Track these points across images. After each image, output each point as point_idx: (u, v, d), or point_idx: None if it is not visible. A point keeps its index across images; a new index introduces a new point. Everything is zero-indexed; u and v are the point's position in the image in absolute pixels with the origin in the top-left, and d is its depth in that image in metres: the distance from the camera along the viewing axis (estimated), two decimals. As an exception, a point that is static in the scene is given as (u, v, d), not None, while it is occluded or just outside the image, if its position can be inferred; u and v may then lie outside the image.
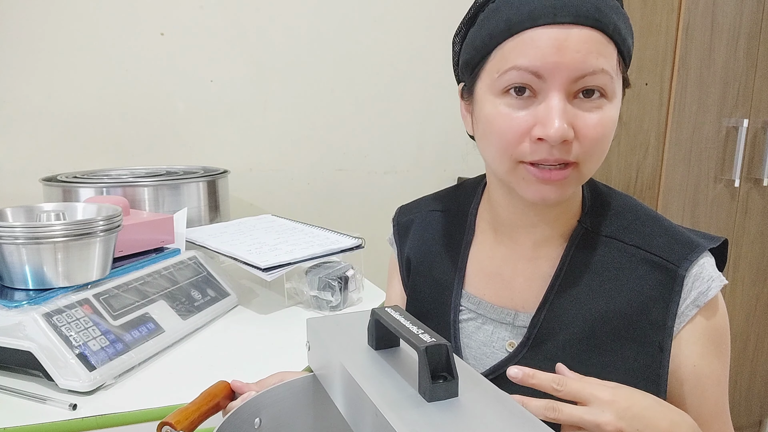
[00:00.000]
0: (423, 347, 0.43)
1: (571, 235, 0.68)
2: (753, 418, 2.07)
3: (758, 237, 1.90)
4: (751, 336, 1.98)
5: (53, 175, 1.29)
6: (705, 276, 0.63)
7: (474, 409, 0.43)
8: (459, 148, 1.88)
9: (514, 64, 0.57)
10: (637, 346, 0.63)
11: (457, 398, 0.44)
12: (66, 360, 0.69)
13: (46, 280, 0.76)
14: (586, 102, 0.58)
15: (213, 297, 0.98)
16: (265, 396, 0.58)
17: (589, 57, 0.56)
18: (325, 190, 1.74)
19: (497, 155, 0.62)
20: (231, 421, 0.53)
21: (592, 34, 0.56)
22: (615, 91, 0.59)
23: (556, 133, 0.56)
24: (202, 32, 1.53)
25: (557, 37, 0.56)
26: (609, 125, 0.59)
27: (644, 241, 0.66)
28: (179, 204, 1.23)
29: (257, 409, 0.57)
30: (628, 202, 0.70)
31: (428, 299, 0.75)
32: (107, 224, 0.80)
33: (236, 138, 1.62)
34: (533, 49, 0.56)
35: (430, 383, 0.43)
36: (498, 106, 0.60)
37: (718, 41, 1.65)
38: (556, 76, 0.56)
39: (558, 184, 0.60)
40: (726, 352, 0.65)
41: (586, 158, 0.59)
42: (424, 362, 0.43)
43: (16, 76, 1.38)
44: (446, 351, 0.44)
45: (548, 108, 0.57)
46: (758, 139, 1.80)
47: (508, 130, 0.59)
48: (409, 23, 1.75)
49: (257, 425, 0.56)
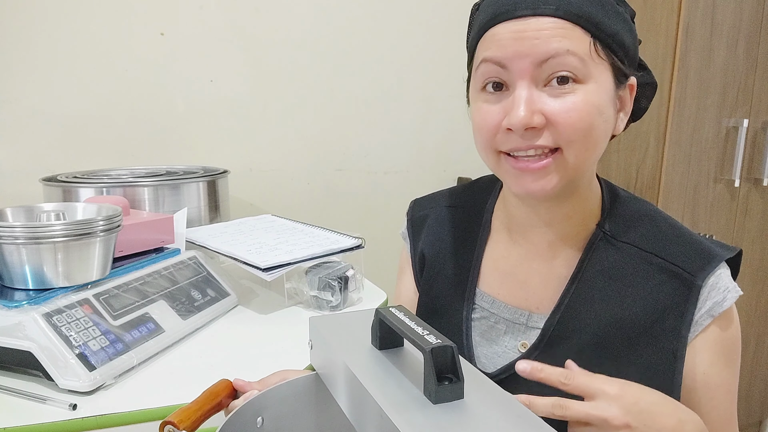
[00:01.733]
0: (429, 348, 0.43)
1: (589, 239, 0.68)
2: (753, 419, 2.07)
3: (758, 237, 1.90)
4: (751, 336, 1.98)
5: (53, 175, 1.29)
6: (721, 287, 0.63)
7: (479, 411, 0.42)
8: (459, 148, 1.88)
9: (482, 57, 0.61)
10: (650, 353, 0.63)
11: (463, 400, 0.44)
12: (66, 360, 0.69)
13: (46, 280, 0.76)
14: (557, 89, 0.59)
15: (213, 297, 0.98)
16: (267, 395, 0.57)
17: (550, 41, 0.58)
18: (325, 190, 1.74)
19: (482, 150, 0.65)
20: (233, 421, 0.52)
21: (551, 21, 0.58)
22: (590, 74, 0.59)
23: (519, 121, 0.58)
24: (202, 32, 1.53)
25: (516, 28, 0.59)
26: (585, 109, 0.59)
27: (662, 249, 0.66)
28: (179, 204, 1.23)
29: (259, 408, 0.56)
30: (647, 208, 0.70)
31: (441, 296, 0.76)
32: (107, 224, 0.80)
33: (236, 138, 1.61)
34: (496, 41, 0.60)
35: (436, 385, 0.43)
36: (477, 102, 0.63)
37: (718, 41, 1.65)
38: (518, 64, 0.59)
39: (537, 174, 0.61)
40: (736, 362, 0.65)
41: (567, 144, 0.59)
42: (429, 364, 0.43)
43: (16, 76, 1.38)
44: (452, 352, 0.43)
45: (513, 97, 0.59)
46: (758, 139, 1.80)
47: (483, 123, 0.62)
48: (409, 23, 1.75)
49: (259, 424, 0.56)
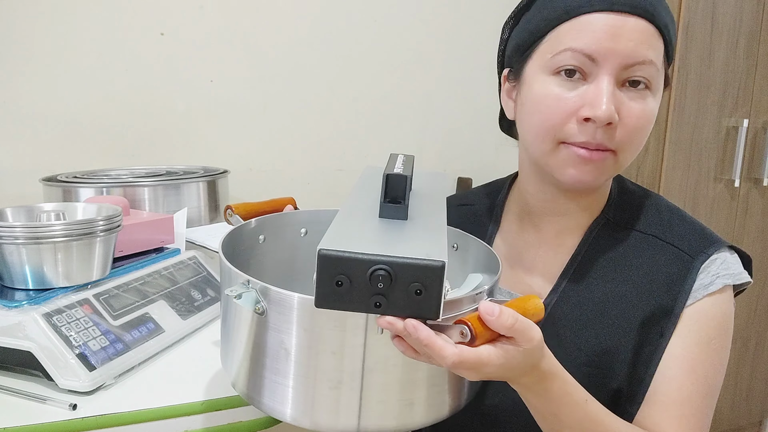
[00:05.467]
0: (386, 174, 0.52)
1: (591, 224, 0.69)
2: (753, 418, 2.07)
3: (758, 237, 1.90)
4: (751, 336, 1.97)
5: (53, 175, 1.29)
6: (712, 270, 0.64)
7: (405, 228, 0.50)
8: (459, 148, 1.88)
9: (569, 45, 0.59)
10: (643, 329, 0.64)
11: (404, 221, 0.52)
12: (66, 360, 0.69)
13: (46, 280, 0.76)
14: (631, 91, 0.60)
15: (213, 297, 0.98)
16: (310, 213, 0.74)
17: (640, 47, 0.58)
18: (325, 190, 1.74)
19: (540, 135, 0.63)
20: (236, 232, 0.67)
21: (645, 26, 0.58)
22: (659, 85, 0.62)
23: (604, 113, 0.57)
24: (202, 32, 1.53)
25: (613, 23, 0.57)
26: (650, 117, 0.61)
27: (663, 232, 0.67)
28: (179, 204, 1.23)
29: (261, 228, 0.72)
30: (655, 199, 0.72)
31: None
32: (107, 224, 0.80)
33: (236, 138, 1.61)
34: (589, 32, 0.58)
35: (383, 201, 0.52)
36: (548, 85, 0.61)
37: (717, 41, 1.65)
38: (609, 61, 0.58)
39: (596, 165, 0.61)
40: (715, 349, 0.64)
41: (624, 147, 0.61)
42: (383, 186, 0.52)
43: (16, 76, 1.38)
44: (404, 181, 0.52)
45: (598, 89, 0.58)
46: (758, 139, 1.80)
47: (556, 109, 0.61)
48: (409, 23, 1.75)
49: (261, 241, 0.72)
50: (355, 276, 0.43)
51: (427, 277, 0.42)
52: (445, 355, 0.43)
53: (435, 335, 0.44)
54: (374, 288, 0.43)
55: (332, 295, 0.43)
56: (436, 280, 0.43)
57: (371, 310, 0.44)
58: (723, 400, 1.95)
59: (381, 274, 0.42)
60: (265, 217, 0.73)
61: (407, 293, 0.43)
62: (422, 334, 0.43)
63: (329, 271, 0.43)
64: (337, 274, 0.43)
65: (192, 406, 0.68)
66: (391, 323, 0.44)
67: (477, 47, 1.81)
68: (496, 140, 0.83)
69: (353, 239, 0.46)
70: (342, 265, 0.43)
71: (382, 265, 0.42)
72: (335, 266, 0.43)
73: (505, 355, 0.46)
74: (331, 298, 0.43)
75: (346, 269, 0.43)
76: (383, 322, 0.44)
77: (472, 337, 0.45)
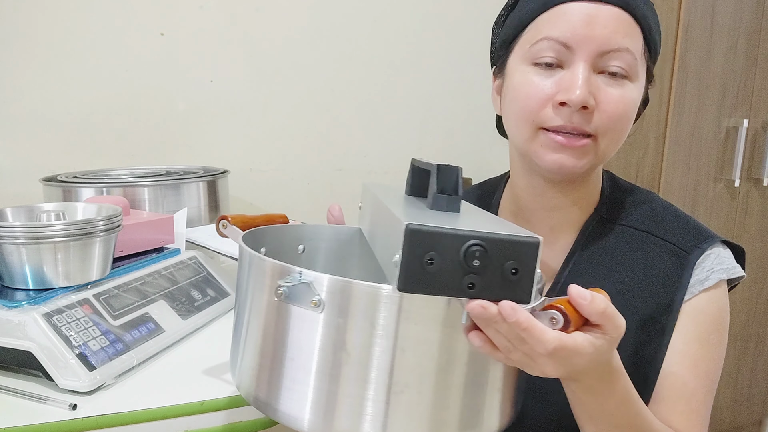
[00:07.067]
0: (436, 165, 0.49)
1: (585, 222, 0.69)
2: (753, 418, 2.07)
3: (758, 237, 1.90)
4: (751, 336, 1.97)
5: (53, 175, 1.29)
6: (707, 266, 0.65)
7: (469, 217, 0.47)
8: (459, 148, 1.88)
9: (545, 34, 0.61)
10: (643, 326, 0.64)
11: (458, 213, 0.48)
12: (66, 360, 0.69)
13: (46, 280, 0.76)
14: (609, 78, 0.61)
15: (213, 297, 0.98)
16: (310, 228, 0.69)
17: (615, 35, 0.59)
18: (325, 190, 1.74)
19: (520, 122, 0.64)
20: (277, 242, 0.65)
21: (620, 14, 0.59)
22: (638, 74, 0.62)
23: (578, 97, 0.58)
24: (202, 32, 1.52)
25: (588, 12, 0.59)
26: (629, 102, 0.61)
27: (657, 229, 0.68)
28: (179, 204, 1.23)
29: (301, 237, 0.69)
30: (648, 196, 0.72)
31: None
32: (107, 224, 0.80)
33: (236, 138, 1.61)
34: (565, 21, 0.60)
35: (435, 193, 0.48)
36: (527, 74, 0.63)
37: (717, 41, 1.65)
38: (583, 48, 0.59)
39: (574, 151, 0.62)
40: (714, 344, 0.65)
41: (603, 132, 0.61)
42: (434, 178, 0.49)
43: (16, 76, 1.38)
44: (456, 173, 0.49)
45: (573, 75, 0.60)
46: (758, 139, 1.80)
47: (533, 95, 0.62)
48: (409, 23, 1.75)
49: (300, 251, 0.69)
50: (448, 253, 0.38)
51: (524, 254, 0.39)
52: (546, 339, 0.40)
53: (534, 318, 0.40)
54: (468, 267, 0.38)
55: (420, 277, 0.39)
56: (532, 258, 0.39)
57: (463, 293, 0.39)
58: (723, 400, 1.95)
59: (477, 251, 0.38)
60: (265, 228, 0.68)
61: (502, 273, 0.39)
62: (522, 316, 0.39)
63: (419, 248, 0.38)
64: (428, 251, 0.38)
65: (192, 406, 0.68)
66: (485, 307, 0.39)
67: (477, 47, 1.81)
68: (495, 140, 0.83)
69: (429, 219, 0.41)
70: (434, 241, 0.38)
71: (479, 240, 0.38)
72: (426, 242, 0.38)
73: (594, 344, 0.43)
74: (418, 280, 0.39)
75: (438, 245, 0.38)
76: (476, 306, 0.40)
77: (566, 322, 0.42)
